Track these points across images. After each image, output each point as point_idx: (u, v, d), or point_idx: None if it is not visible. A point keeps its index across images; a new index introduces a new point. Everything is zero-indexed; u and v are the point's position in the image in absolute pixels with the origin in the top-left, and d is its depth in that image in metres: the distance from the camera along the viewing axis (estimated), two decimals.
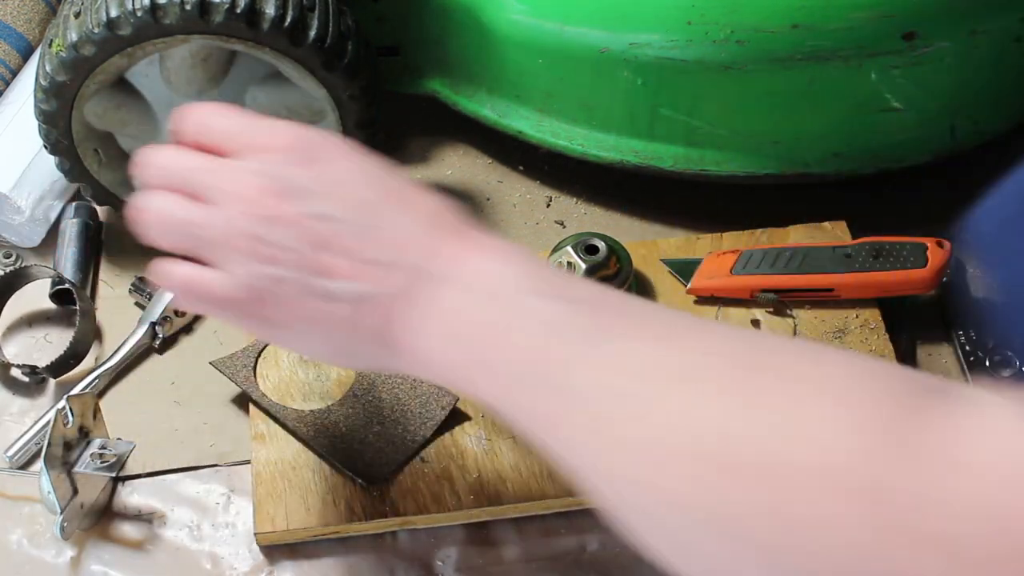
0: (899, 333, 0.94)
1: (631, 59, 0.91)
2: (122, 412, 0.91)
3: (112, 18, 0.82)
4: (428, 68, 1.02)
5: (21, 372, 0.92)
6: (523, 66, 0.96)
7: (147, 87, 0.89)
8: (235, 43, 0.85)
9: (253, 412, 0.88)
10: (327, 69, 0.86)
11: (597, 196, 1.05)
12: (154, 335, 0.94)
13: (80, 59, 0.84)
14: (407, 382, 0.89)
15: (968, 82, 0.94)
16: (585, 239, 0.92)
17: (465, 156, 1.08)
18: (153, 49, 0.85)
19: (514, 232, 1.03)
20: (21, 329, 0.96)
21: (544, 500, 0.85)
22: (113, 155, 0.94)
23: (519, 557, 0.85)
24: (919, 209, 0.99)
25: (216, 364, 0.90)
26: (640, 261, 0.96)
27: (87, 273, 0.97)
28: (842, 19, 0.87)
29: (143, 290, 0.95)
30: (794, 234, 0.97)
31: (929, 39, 0.89)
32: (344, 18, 0.88)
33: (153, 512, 0.87)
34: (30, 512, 0.86)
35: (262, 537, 0.84)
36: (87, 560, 0.84)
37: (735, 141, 0.95)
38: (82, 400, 0.83)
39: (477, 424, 0.88)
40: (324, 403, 0.88)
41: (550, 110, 0.98)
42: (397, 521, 0.84)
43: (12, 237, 0.99)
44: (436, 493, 0.84)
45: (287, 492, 0.84)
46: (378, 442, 0.86)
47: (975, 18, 0.90)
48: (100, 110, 0.89)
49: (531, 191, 1.06)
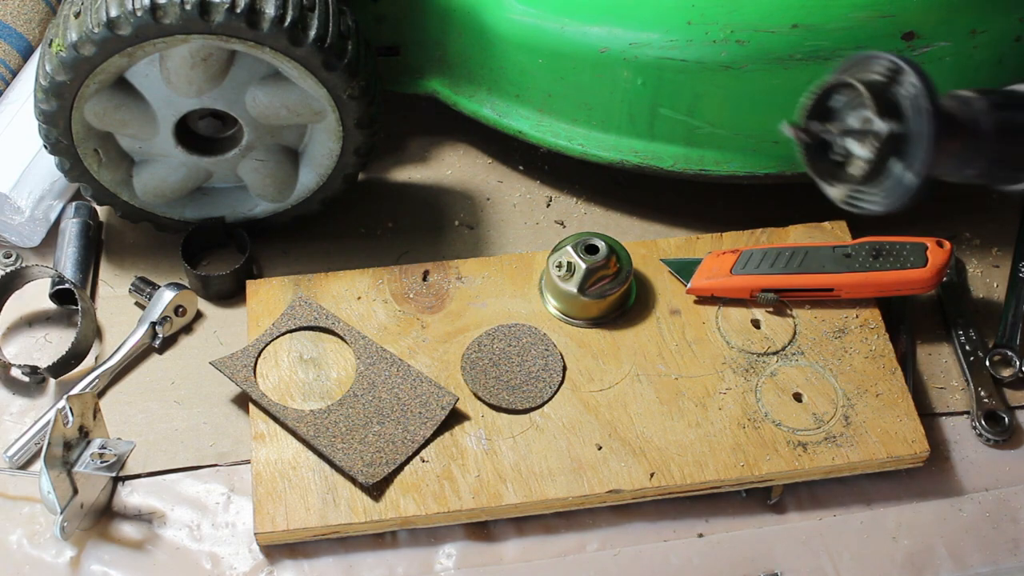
0: (899, 333, 0.94)
1: (631, 59, 0.91)
2: (122, 412, 0.91)
3: (112, 18, 0.82)
4: (428, 68, 1.02)
5: (21, 372, 0.92)
6: (523, 66, 0.96)
7: (147, 87, 0.90)
8: (235, 43, 0.85)
9: (253, 412, 0.88)
10: (327, 69, 0.86)
11: (597, 196, 1.05)
12: (154, 335, 0.94)
13: (80, 59, 0.84)
14: (407, 382, 0.89)
15: (968, 82, 0.94)
16: (585, 239, 0.92)
17: (465, 156, 1.08)
18: (153, 49, 0.85)
19: (514, 232, 1.03)
20: (21, 329, 0.96)
21: (544, 500, 0.85)
22: (113, 155, 0.94)
23: (519, 556, 0.86)
24: (919, 209, 0.99)
25: (216, 364, 0.90)
26: (640, 261, 0.96)
27: (87, 273, 0.97)
28: (842, 19, 0.87)
29: (143, 290, 0.95)
30: (794, 234, 0.97)
31: (929, 39, 0.89)
32: (344, 18, 0.88)
33: (153, 512, 0.87)
34: (30, 512, 0.86)
35: (262, 537, 0.84)
36: (87, 560, 0.84)
37: (735, 141, 0.95)
38: (82, 400, 0.83)
39: (477, 424, 0.88)
40: (324, 403, 0.88)
41: (550, 110, 0.98)
42: (397, 521, 0.84)
43: (12, 237, 0.99)
44: (436, 493, 0.84)
45: (287, 492, 0.84)
46: (378, 442, 0.86)
47: (975, 18, 0.90)
48: (100, 110, 0.89)
49: (531, 191, 1.06)
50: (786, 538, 0.87)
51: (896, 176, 0.60)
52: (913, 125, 0.59)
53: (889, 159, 0.60)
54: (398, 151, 1.08)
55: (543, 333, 0.92)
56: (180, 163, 0.95)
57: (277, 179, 0.97)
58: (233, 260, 0.99)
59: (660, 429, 0.88)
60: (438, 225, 1.03)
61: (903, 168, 0.60)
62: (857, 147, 0.62)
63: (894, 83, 0.60)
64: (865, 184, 0.61)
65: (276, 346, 0.91)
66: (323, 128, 0.93)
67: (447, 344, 0.92)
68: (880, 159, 0.59)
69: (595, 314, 0.93)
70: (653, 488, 0.85)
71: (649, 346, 0.92)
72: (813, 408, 0.89)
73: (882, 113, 0.59)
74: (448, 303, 0.94)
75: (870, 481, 0.89)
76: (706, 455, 0.87)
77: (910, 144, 0.59)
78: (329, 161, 0.95)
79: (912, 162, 0.59)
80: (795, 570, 0.86)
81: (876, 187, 0.61)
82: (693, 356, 0.92)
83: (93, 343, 0.94)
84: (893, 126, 0.59)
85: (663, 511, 0.87)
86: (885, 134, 0.58)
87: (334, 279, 0.95)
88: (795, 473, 0.87)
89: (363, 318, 0.93)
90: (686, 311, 0.94)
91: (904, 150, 0.60)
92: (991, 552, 0.87)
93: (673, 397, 0.89)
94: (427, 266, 0.96)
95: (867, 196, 0.61)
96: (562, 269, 0.92)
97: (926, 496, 0.89)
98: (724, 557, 0.86)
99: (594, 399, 0.89)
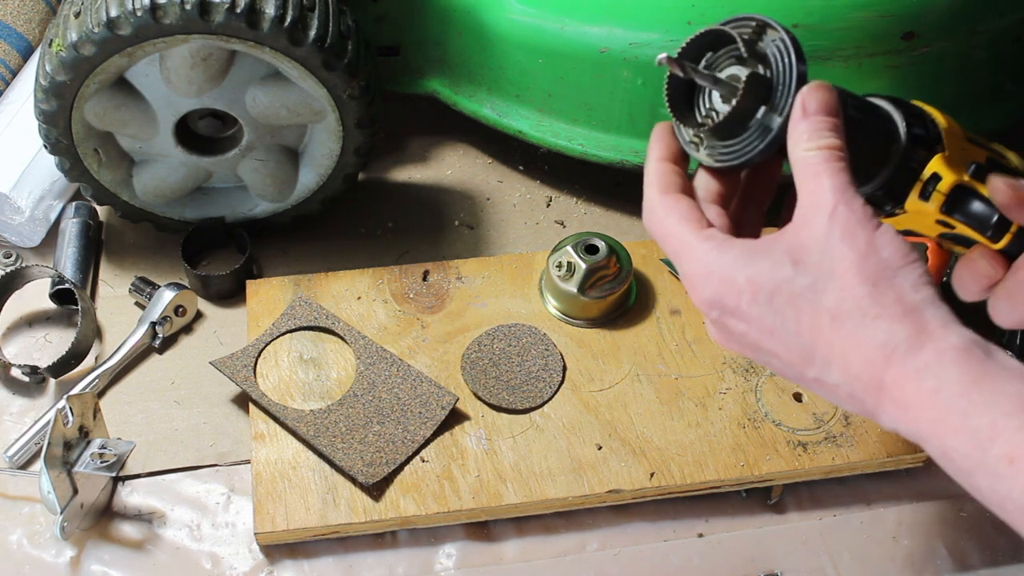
0: None
1: (631, 59, 0.91)
2: (122, 412, 0.91)
3: (112, 18, 0.82)
4: (428, 68, 1.02)
5: (21, 372, 0.92)
6: (523, 66, 0.96)
7: (147, 87, 0.89)
8: (235, 43, 0.85)
9: (253, 412, 0.88)
10: (327, 69, 0.86)
11: (597, 196, 1.05)
12: (154, 335, 0.94)
13: (80, 59, 0.84)
14: (407, 382, 0.89)
15: (968, 82, 0.94)
16: (585, 239, 0.92)
17: (465, 156, 1.08)
18: (153, 49, 0.85)
19: (514, 232, 1.03)
20: (21, 329, 0.96)
21: (544, 500, 0.85)
22: (113, 155, 0.94)
23: (519, 556, 0.86)
24: None
25: (216, 364, 0.90)
26: (640, 261, 0.96)
27: (87, 273, 0.97)
28: (842, 19, 0.87)
29: (143, 290, 0.95)
30: None
31: (929, 39, 0.89)
32: (344, 18, 0.88)
33: (153, 512, 0.87)
34: (30, 512, 0.86)
35: (262, 537, 0.84)
36: (87, 560, 0.84)
37: None
38: (82, 400, 0.83)
39: (477, 424, 0.88)
40: (324, 403, 0.88)
41: (550, 110, 0.98)
42: (397, 521, 0.84)
43: (12, 237, 0.99)
44: (436, 493, 0.84)
45: (287, 492, 0.84)
46: (378, 442, 0.86)
47: (975, 18, 0.90)
48: (100, 110, 0.89)
49: (531, 191, 1.06)
50: (786, 538, 0.87)
51: (759, 120, 0.65)
52: (780, 67, 0.64)
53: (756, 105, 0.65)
54: (398, 151, 1.08)
55: (543, 333, 0.92)
56: (180, 163, 0.95)
57: (277, 179, 0.97)
58: (233, 260, 0.99)
59: (660, 429, 0.88)
60: (438, 225, 1.03)
61: (766, 111, 0.64)
62: (720, 102, 0.67)
63: (761, 39, 0.65)
64: (727, 130, 0.65)
65: (276, 346, 0.91)
66: (323, 128, 0.93)
67: (447, 344, 0.92)
68: (746, 98, 0.62)
69: (595, 314, 0.93)
70: (653, 488, 0.85)
71: (649, 346, 0.92)
72: (813, 408, 0.89)
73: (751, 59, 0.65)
74: (448, 303, 0.94)
75: (870, 481, 0.89)
76: (706, 455, 0.87)
77: (775, 89, 0.64)
78: (329, 161, 0.95)
79: (777, 104, 0.64)
80: (795, 570, 0.86)
81: (741, 136, 0.65)
82: (693, 356, 0.92)
83: (93, 343, 0.94)
84: (761, 69, 0.65)
85: (663, 511, 0.87)
86: (753, 74, 0.63)
87: (334, 279, 0.95)
88: (795, 473, 0.87)
89: (363, 318, 0.93)
90: (686, 311, 0.94)
91: (768, 96, 0.65)
92: (991, 552, 0.87)
93: (673, 397, 0.89)
94: (427, 266, 0.96)
95: (730, 146, 0.65)
96: (562, 269, 0.92)
97: (926, 496, 0.89)
98: (724, 557, 0.86)
99: (594, 399, 0.89)
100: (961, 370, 0.59)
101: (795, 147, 0.63)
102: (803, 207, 0.63)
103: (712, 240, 0.64)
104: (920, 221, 0.70)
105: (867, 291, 0.60)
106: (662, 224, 0.66)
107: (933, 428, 0.59)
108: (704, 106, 0.68)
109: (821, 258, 0.61)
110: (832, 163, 0.62)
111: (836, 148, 0.63)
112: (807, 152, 0.63)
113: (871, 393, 0.61)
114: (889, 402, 0.60)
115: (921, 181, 0.68)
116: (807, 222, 0.62)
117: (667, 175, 0.68)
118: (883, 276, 0.61)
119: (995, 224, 0.68)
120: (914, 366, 0.59)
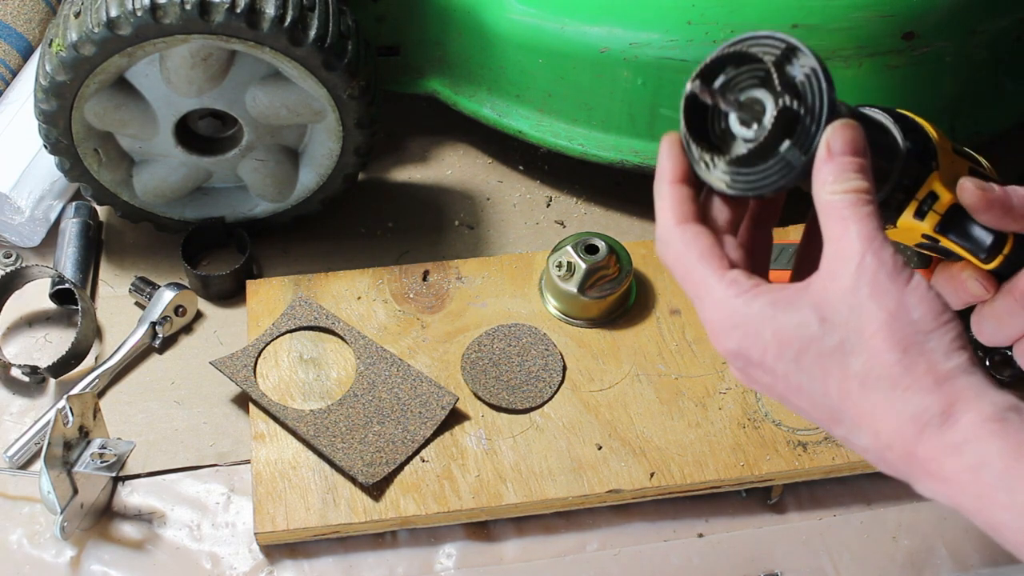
0: None
1: (631, 59, 0.91)
2: (122, 412, 0.91)
3: (112, 18, 0.82)
4: (428, 68, 1.02)
5: (21, 372, 0.92)
6: (523, 66, 0.96)
7: (147, 87, 0.89)
8: (235, 43, 0.85)
9: (253, 412, 0.88)
10: (327, 69, 0.86)
11: (597, 196, 1.05)
12: (154, 335, 0.94)
13: (80, 59, 0.84)
14: (407, 382, 0.89)
15: (968, 82, 0.94)
16: (585, 239, 0.92)
17: (465, 156, 1.08)
18: (153, 49, 0.85)
19: (514, 232, 1.03)
20: (21, 329, 0.96)
21: (544, 500, 0.85)
22: (113, 155, 0.94)
23: (519, 556, 0.86)
24: None
25: (216, 364, 0.90)
26: (640, 261, 0.96)
27: (87, 273, 0.97)
28: (842, 19, 0.87)
29: (143, 290, 0.95)
30: (794, 233, 0.97)
31: (929, 39, 0.89)
32: (344, 18, 0.88)
33: (153, 512, 0.87)
34: (30, 512, 0.86)
35: (262, 537, 0.84)
36: (87, 560, 0.84)
37: None
38: (82, 400, 0.83)
39: (477, 424, 0.88)
40: (324, 403, 0.88)
41: (550, 110, 0.98)
42: (397, 521, 0.84)
43: (12, 237, 0.99)
44: (436, 493, 0.84)
45: (287, 492, 0.84)
46: (378, 442, 0.86)
47: (975, 18, 0.90)
48: (100, 110, 0.89)
49: (531, 191, 1.06)
50: (786, 538, 0.87)
51: (782, 154, 0.61)
52: (810, 100, 0.60)
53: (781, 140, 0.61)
54: (398, 151, 1.08)
55: (543, 333, 0.92)
56: (180, 163, 0.95)
57: (277, 179, 0.97)
58: (233, 260, 0.99)
59: (660, 429, 0.88)
60: (438, 225, 1.03)
61: (790, 145, 0.61)
62: (738, 124, 0.63)
63: (790, 62, 0.61)
64: (748, 162, 0.61)
65: (276, 346, 0.91)
66: (323, 128, 0.93)
67: (447, 344, 0.92)
68: (774, 135, 0.59)
69: (595, 314, 0.93)
70: (653, 488, 0.85)
71: (649, 346, 0.92)
72: None
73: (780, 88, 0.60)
74: (448, 303, 0.94)
75: (870, 481, 0.89)
76: (706, 455, 0.87)
77: (802, 122, 0.61)
78: (329, 161, 0.95)
79: (802, 140, 0.60)
80: (795, 570, 0.86)
81: (760, 166, 0.61)
82: (693, 356, 0.92)
83: (93, 343, 0.94)
84: (788, 98, 0.60)
85: (663, 511, 0.87)
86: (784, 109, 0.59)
87: (334, 279, 0.95)
88: (795, 473, 0.87)
89: (363, 318, 0.93)
90: (686, 311, 0.94)
91: (794, 128, 0.61)
92: (991, 552, 0.87)
93: (673, 397, 0.89)
94: (427, 266, 0.96)
95: (745, 175, 0.62)
96: (562, 269, 0.92)
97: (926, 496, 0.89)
98: (724, 557, 0.86)
99: (594, 399, 0.89)
100: (1002, 443, 0.56)
101: (820, 189, 0.60)
102: (829, 256, 0.60)
103: (736, 287, 0.61)
104: (905, 236, 0.68)
105: (897, 358, 0.57)
106: (681, 261, 0.63)
107: (979, 504, 0.57)
108: (719, 125, 0.65)
109: (849, 315, 0.58)
110: (859, 207, 0.59)
111: (864, 191, 0.59)
112: (832, 196, 0.60)
113: (903, 461, 0.59)
114: (924, 474, 0.58)
115: (917, 200, 0.66)
116: (834, 275, 0.59)
117: (683, 202, 0.64)
118: (914, 341, 0.57)
119: (989, 246, 0.66)
120: (951, 441, 0.57)
